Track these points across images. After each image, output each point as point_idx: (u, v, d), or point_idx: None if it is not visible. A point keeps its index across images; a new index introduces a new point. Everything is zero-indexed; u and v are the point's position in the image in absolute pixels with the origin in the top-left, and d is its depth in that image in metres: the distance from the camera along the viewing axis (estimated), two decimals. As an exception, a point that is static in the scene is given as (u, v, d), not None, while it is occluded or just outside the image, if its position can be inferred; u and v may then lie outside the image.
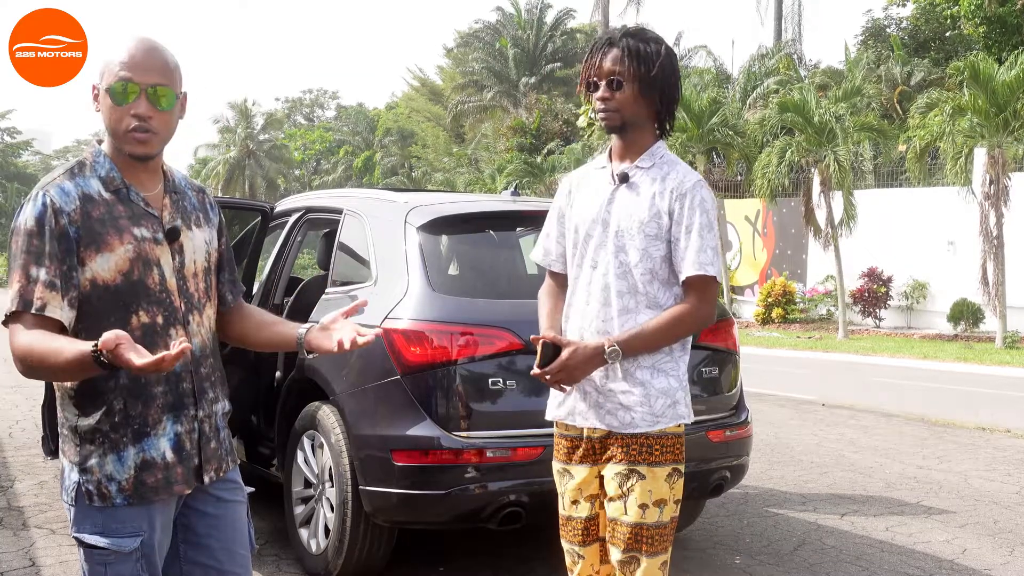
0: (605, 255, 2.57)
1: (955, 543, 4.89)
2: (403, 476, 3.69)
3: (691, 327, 2.55)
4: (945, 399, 10.58)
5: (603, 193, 2.61)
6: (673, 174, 2.55)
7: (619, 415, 2.54)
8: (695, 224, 2.50)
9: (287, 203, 5.52)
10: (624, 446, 2.54)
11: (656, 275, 2.54)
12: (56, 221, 1.94)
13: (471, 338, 3.73)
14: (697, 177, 2.56)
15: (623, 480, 2.53)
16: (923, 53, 27.88)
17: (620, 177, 2.59)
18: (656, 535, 2.53)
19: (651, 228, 2.53)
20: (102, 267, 1.98)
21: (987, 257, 15.93)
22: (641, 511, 2.51)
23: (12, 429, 7.58)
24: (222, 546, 2.19)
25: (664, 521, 2.54)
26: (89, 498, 2.00)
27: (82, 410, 2.00)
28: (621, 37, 2.55)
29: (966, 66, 16.26)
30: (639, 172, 2.57)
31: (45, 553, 4.40)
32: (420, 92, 49.03)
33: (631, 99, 2.52)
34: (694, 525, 4.95)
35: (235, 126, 53.15)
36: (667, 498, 2.54)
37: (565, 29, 42.15)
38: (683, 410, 2.58)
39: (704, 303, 2.53)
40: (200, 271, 2.16)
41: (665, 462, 2.54)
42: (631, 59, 2.51)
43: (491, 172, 31.42)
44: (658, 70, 2.52)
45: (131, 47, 2.03)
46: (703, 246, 2.49)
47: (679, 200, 2.51)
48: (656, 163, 2.58)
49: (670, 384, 2.56)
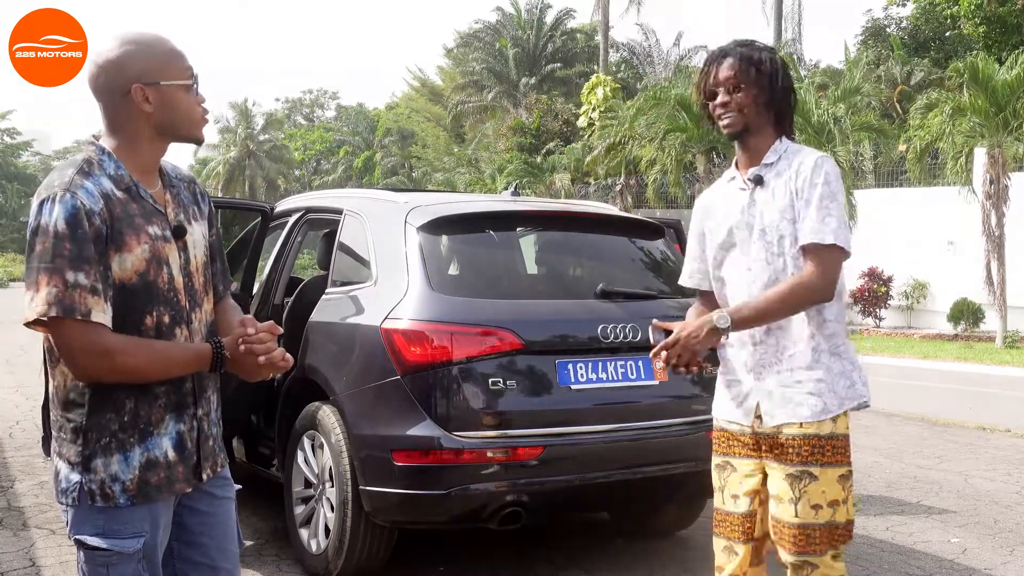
0: (760, 257, 2.65)
1: (955, 543, 4.89)
2: (403, 476, 3.69)
3: (807, 297, 2.53)
4: (945, 399, 10.58)
5: (741, 199, 2.71)
6: (796, 157, 2.65)
7: (811, 403, 2.59)
8: (815, 195, 2.56)
9: (287, 203, 5.52)
10: (797, 446, 2.59)
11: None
12: (90, 222, 1.91)
13: (471, 338, 3.73)
14: (819, 154, 2.63)
15: (795, 482, 2.58)
16: (923, 53, 27.87)
17: (755, 180, 2.68)
18: (827, 534, 2.58)
19: (789, 213, 2.60)
20: (120, 267, 1.96)
21: (989, 257, 15.93)
22: (814, 512, 2.57)
23: (12, 429, 7.58)
24: (214, 543, 2.19)
25: (838, 521, 2.59)
26: (91, 498, 1.99)
27: (92, 409, 1.98)
28: (735, 48, 2.69)
29: (966, 67, 16.24)
30: (768, 170, 2.68)
31: (45, 553, 4.40)
32: (420, 92, 49.02)
33: (750, 101, 2.64)
34: (694, 525, 4.94)
35: (235, 126, 53.19)
36: (840, 499, 2.60)
37: (565, 29, 42.13)
38: (862, 389, 2.65)
39: (819, 273, 2.52)
40: (201, 266, 2.16)
41: (836, 463, 2.61)
42: (746, 65, 2.64)
43: (491, 172, 31.40)
44: (771, 73, 2.65)
45: (161, 40, 2.09)
46: (822, 215, 2.54)
47: (802, 178, 2.59)
48: (782, 156, 2.67)
49: (844, 366, 2.62)
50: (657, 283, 4.55)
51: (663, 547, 4.73)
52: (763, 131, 2.68)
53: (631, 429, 3.97)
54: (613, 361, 3.96)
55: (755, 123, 2.66)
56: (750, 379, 2.68)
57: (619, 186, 25.91)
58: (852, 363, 2.65)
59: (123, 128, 2.05)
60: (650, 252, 4.64)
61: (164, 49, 2.06)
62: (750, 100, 2.64)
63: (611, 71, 34.43)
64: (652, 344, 2.63)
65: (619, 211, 5.14)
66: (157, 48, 2.06)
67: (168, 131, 2.09)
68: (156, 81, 2.03)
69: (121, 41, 2.04)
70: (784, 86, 2.68)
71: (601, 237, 4.61)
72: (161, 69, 2.04)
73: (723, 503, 2.77)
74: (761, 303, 2.55)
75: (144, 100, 2.02)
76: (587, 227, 4.67)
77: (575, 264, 4.77)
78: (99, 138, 2.08)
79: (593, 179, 28.00)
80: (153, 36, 2.08)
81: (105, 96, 2.04)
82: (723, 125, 2.68)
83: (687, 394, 4.20)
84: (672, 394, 4.15)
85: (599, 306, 4.05)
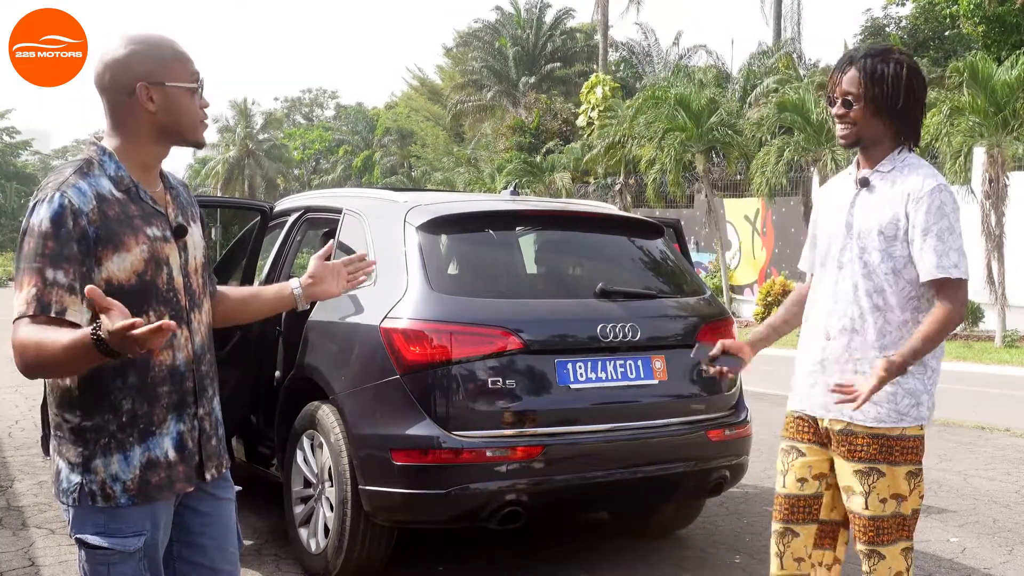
0: (851, 256, 2.72)
1: (954, 542, 4.89)
2: (403, 476, 3.69)
3: (951, 327, 2.63)
4: (944, 398, 10.53)
5: (847, 197, 2.77)
6: (913, 177, 2.65)
7: (867, 411, 2.65)
8: (933, 227, 2.59)
9: (286, 203, 5.52)
10: (865, 443, 2.67)
11: (900, 274, 2.66)
12: (75, 222, 1.91)
13: (470, 338, 3.73)
14: (936, 182, 2.63)
15: (863, 477, 2.67)
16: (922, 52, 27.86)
17: (861, 182, 2.73)
18: (893, 525, 2.67)
19: (889, 230, 2.65)
20: (118, 267, 1.97)
21: (988, 256, 15.93)
22: (882, 505, 2.66)
23: (12, 429, 7.58)
24: (215, 544, 2.20)
25: (904, 513, 2.68)
26: (92, 499, 1.99)
27: (88, 410, 1.98)
28: (861, 57, 2.69)
29: (965, 67, 16.25)
30: (879, 176, 2.71)
31: (45, 553, 4.40)
32: (419, 92, 49.02)
33: (864, 117, 2.69)
34: (694, 524, 4.95)
35: (234, 125, 53.17)
36: (905, 493, 2.67)
37: (564, 29, 42.13)
38: (925, 412, 2.71)
39: (955, 304, 2.61)
40: (200, 267, 2.18)
41: (906, 462, 2.68)
42: (866, 79, 2.65)
43: (490, 171, 31.40)
44: (892, 90, 2.65)
45: (169, 42, 2.09)
46: (945, 249, 2.59)
47: (915, 204, 2.62)
48: (896, 166, 2.70)
49: (916, 386, 2.69)
50: (657, 283, 4.56)
51: (663, 547, 4.73)
52: (880, 143, 2.71)
53: (630, 429, 3.97)
54: (612, 361, 3.96)
55: (870, 136, 2.70)
56: (818, 372, 2.77)
57: (618, 185, 25.92)
58: (925, 385, 2.71)
59: (126, 128, 2.05)
60: (650, 252, 4.64)
61: (171, 51, 2.07)
62: (864, 115, 2.67)
63: (610, 70, 34.43)
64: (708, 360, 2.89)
65: (619, 211, 5.13)
66: (165, 49, 2.07)
67: (169, 133, 2.09)
68: (161, 81, 2.04)
69: (129, 40, 2.05)
70: (910, 99, 2.66)
71: (601, 237, 4.61)
72: (167, 70, 2.05)
73: (784, 486, 2.84)
74: (920, 338, 2.59)
75: (148, 99, 2.03)
76: (587, 227, 4.67)
77: (575, 264, 4.77)
78: (101, 138, 2.08)
79: (592, 178, 28.01)
80: (160, 37, 2.09)
81: (110, 94, 2.04)
82: (837, 134, 2.75)
83: (686, 394, 4.20)
84: (671, 394, 4.15)
85: (599, 306, 4.05)
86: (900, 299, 2.67)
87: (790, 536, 2.81)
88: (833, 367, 2.73)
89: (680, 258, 4.76)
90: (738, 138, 21.44)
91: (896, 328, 2.67)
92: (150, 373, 2.02)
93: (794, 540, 2.81)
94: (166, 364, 2.04)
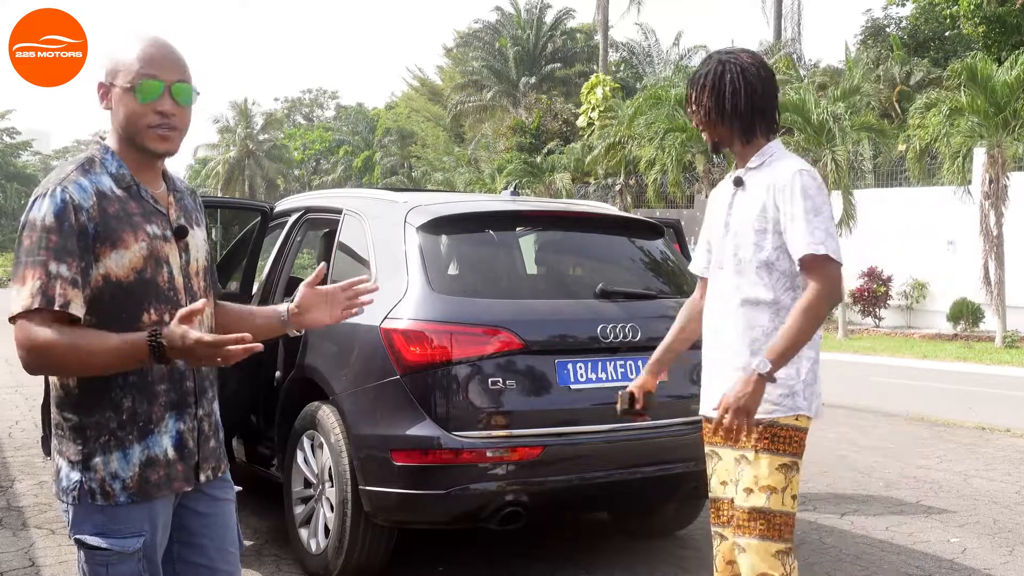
0: (728, 255, 2.74)
1: (955, 542, 4.89)
2: (403, 476, 3.69)
3: (824, 308, 2.59)
4: (945, 399, 10.58)
5: (726, 198, 2.81)
6: (776, 167, 2.69)
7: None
8: (798, 210, 2.60)
9: (287, 203, 5.52)
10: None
11: (774, 267, 2.66)
12: (76, 217, 1.92)
13: (471, 338, 3.73)
14: (797, 167, 2.65)
15: (736, 464, 2.67)
16: (923, 53, 27.88)
17: (736, 182, 2.78)
18: (761, 520, 2.61)
19: (759, 223, 2.67)
20: (116, 264, 1.97)
21: (988, 256, 15.93)
22: (745, 495, 2.62)
23: (12, 429, 7.58)
24: (215, 545, 2.20)
25: (772, 509, 2.60)
26: (92, 496, 1.99)
27: (87, 408, 1.99)
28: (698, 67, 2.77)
29: (964, 67, 16.26)
30: (751, 174, 2.74)
31: (45, 553, 4.40)
32: (420, 92, 49.01)
33: (707, 125, 2.75)
34: (694, 524, 4.95)
35: (235, 126, 53.17)
36: (777, 487, 2.61)
37: (565, 29, 42.14)
38: (802, 402, 2.65)
39: (825, 282, 2.57)
40: (202, 270, 2.18)
41: (779, 452, 2.62)
42: (693, 87, 2.76)
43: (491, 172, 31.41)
44: (718, 87, 2.69)
45: (147, 44, 2.04)
46: (811, 228, 2.58)
47: (780, 192, 2.64)
48: (765, 161, 2.73)
49: (788, 375, 2.62)
50: (657, 283, 4.55)
51: (662, 547, 4.73)
52: (735, 141, 2.75)
53: (630, 429, 3.97)
54: (612, 361, 3.96)
55: (723, 140, 2.76)
56: (713, 373, 2.79)
57: (619, 186, 25.93)
58: (798, 374, 2.65)
59: (111, 128, 2.08)
60: (650, 252, 4.64)
61: (134, 50, 2.02)
62: (706, 123, 2.74)
63: (611, 71, 34.44)
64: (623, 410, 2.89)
65: (619, 211, 5.13)
66: (131, 48, 2.03)
67: (127, 136, 2.06)
68: (112, 82, 2.03)
69: (124, 38, 2.07)
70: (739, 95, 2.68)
71: (601, 237, 4.61)
72: (118, 70, 2.02)
73: (712, 490, 2.84)
74: (786, 332, 2.56)
75: (105, 99, 2.05)
76: (587, 227, 4.67)
77: (575, 264, 4.77)
78: (104, 138, 2.11)
79: (593, 179, 28.01)
80: (142, 36, 2.06)
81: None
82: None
83: (686, 394, 4.19)
84: (671, 394, 4.14)
85: (599, 306, 4.05)
86: (775, 294, 2.66)
87: (719, 539, 2.81)
88: (722, 367, 2.73)
89: (680, 258, 4.76)
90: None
91: (775, 325, 2.64)
92: (150, 372, 2.02)
93: (722, 543, 2.79)
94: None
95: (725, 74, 2.69)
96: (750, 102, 2.70)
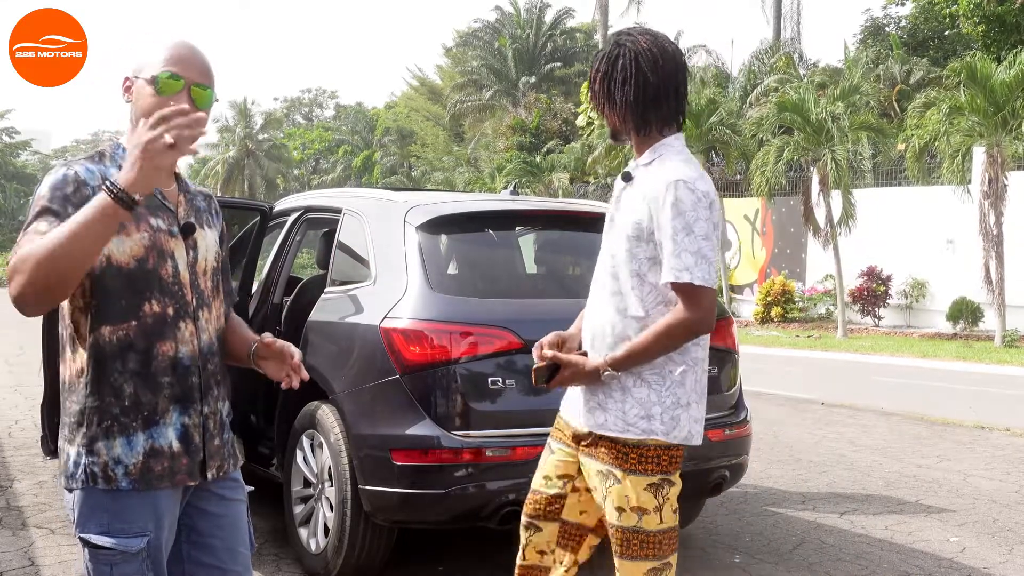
0: (605, 256, 2.60)
1: (954, 542, 4.90)
2: (402, 476, 3.70)
3: (682, 335, 2.42)
4: (944, 398, 10.58)
5: (616, 192, 2.63)
6: (658, 171, 2.45)
7: (596, 415, 2.53)
8: (667, 228, 2.39)
9: (286, 203, 5.52)
10: (603, 447, 2.52)
11: (644, 278, 2.47)
12: (77, 189, 1.95)
13: (470, 337, 3.73)
14: (674, 177, 2.40)
15: (603, 479, 2.52)
16: (922, 52, 27.88)
17: (624, 176, 2.58)
18: (634, 540, 2.50)
19: (633, 229, 2.47)
20: (117, 248, 1.99)
21: (988, 256, 15.93)
22: (617, 514, 2.51)
23: (12, 429, 7.58)
24: (225, 545, 2.20)
25: (646, 528, 2.48)
26: (93, 480, 2.00)
27: (92, 393, 2.02)
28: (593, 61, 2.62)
29: (964, 67, 16.25)
30: (641, 170, 2.53)
31: (44, 553, 4.41)
32: (419, 91, 49.02)
33: (604, 113, 2.58)
34: (694, 524, 4.95)
35: (234, 125, 53.14)
36: (648, 507, 2.47)
37: (564, 28, 42.16)
38: (658, 426, 2.46)
39: (691, 310, 2.39)
40: (210, 270, 2.20)
41: (644, 472, 2.47)
42: (595, 75, 2.56)
43: (490, 171, 31.43)
44: (603, 78, 2.52)
45: (176, 44, 2.09)
46: (677, 251, 2.37)
47: (653, 202, 2.42)
48: (655, 159, 2.50)
49: (647, 396, 2.47)
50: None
51: (662, 546, 4.73)
52: (632, 134, 2.54)
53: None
54: (612, 360, 3.95)
55: (618, 127, 2.56)
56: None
57: (618, 185, 25.88)
58: (659, 397, 2.47)
59: (129, 123, 2.11)
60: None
61: (163, 48, 2.08)
62: (603, 111, 2.57)
63: (610, 70, 34.39)
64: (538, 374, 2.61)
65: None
66: (161, 46, 2.09)
67: None
68: (137, 75, 2.08)
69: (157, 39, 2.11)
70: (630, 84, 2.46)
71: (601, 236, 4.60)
72: (144, 63, 2.07)
73: (534, 482, 2.75)
74: (640, 351, 2.43)
75: (127, 92, 2.09)
76: (587, 226, 4.66)
77: (574, 264, 4.77)
78: (121, 135, 2.15)
79: (593, 179, 28.00)
80: (173, 38, 2.12)
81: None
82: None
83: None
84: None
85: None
86: (644, 305, 2.46)
87: (533, 530, 2.74)
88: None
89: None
90: (737, 138, 21.45)
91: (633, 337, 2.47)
92: (152, 362, 2.04)
93: (536, 534, 2.73)
94: (168, 355, 2.06)
95: (618, 60, 2.48)
96: (643, 93, 2.46)
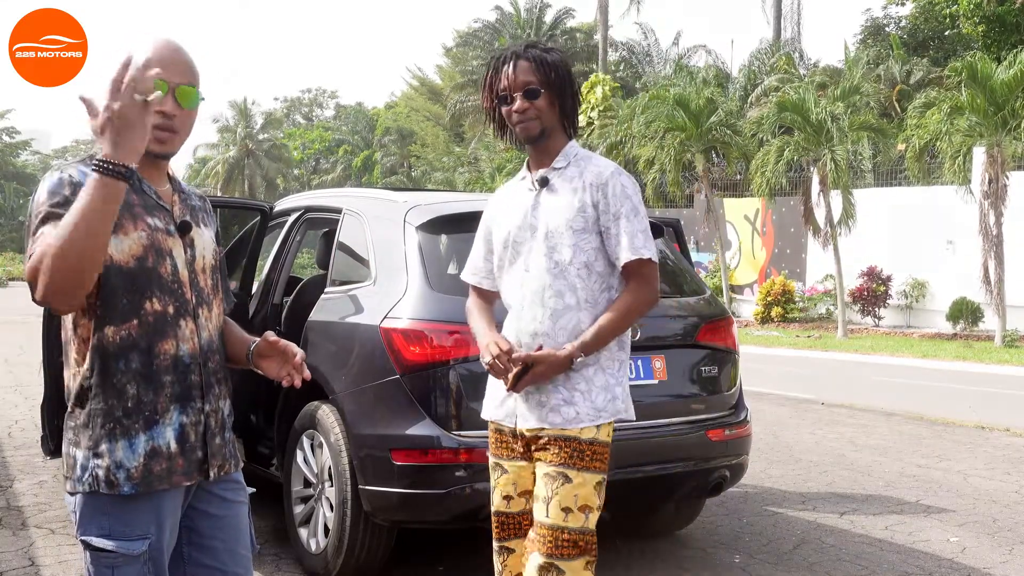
0: (537, 258, 2.64)
1: (954, 541, 4.90)
2: (402, 475, 3.70)
3: (639, 312, 2.64)
4: (944, 398, 10.58)
5: (527, 200, 2.70)
6: (590, 167, 2.66)
7: (563, 411, 2.59)
8: (621, 211, 2.60)
9: (286, 202, 5.52)
10: (557, 448, 2.57)
11: (592, 268, 2.62)
12: (74, 191, 1.93)
13: (470, 337, 3.72)
14: (614, 166, 2.66)
15: (550, 481, 2.57)
16: (922, 52, 27.89)
17: (540, 182, 2.68)
18: (580, 541, 2.57)
19: (577, 223, 2.61)
20: (116, 248, 1.99)
21: (988, 256, 15.93)
22: (564, 515, 2.54)
23: (11, 429, 7.58)
24: (226, 547, 2.20)
25: (590, 528, 2.59)
26: (97, 485, 2.00)
27: (96, 395, 2.01)
28: (526, 49, 2.67)
29: (964, 66, 16.25)
30: (556, 173, 2.68)
31: (44, 553, 4.41)
32: (419, 91, 49.02)
33: (547, 106, 2.64)
34: (694, 524, 4.95)
35: (234, 125, 53.17)
36: (593, 506, 2.59)
37: (564, 28, 42.12)
38: (620, 405, 2.65)
39: (646, 286, 2.62)
40: (208, 268, 2.20)
41: (595, 470, 2.59)
42: (543, 68, 2.63)
43: (491, 171, 31.42)
44: (565, 76, 2.66)
45: (158, 45, 2.06)
46: (633, 231, 2.59)
47: (600, 190, 2.61)
48: (572, 161, 2.69)
49: (608, 380, 2.63)
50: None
51: (662, 547, 4.74)
52: (556, 134, 2.69)
53: (630, 428, 3.96)
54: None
55: (551, 127, 2.67)
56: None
57: (618, 185, 25.87)
58: (617, 379, 2.65)
59: None
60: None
61: (146, 47, 2.05)
62: (546, 104, 2.63)
63: (610, 70, 34.43)
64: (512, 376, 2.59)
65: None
66: (143, 46, 2.06)
67: None
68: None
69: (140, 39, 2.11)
70: (574, 89, 2.70)
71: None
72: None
73: (495, 504, 2.75)
74: (608, 333, 2.58)
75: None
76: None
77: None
78: None
79: (592, 178, 27.97)
80: (156, 38, 2.09)
81: None
82: (520, 129, 2.65)
83: (686, 394, 4.20)
84: (671, 394, 4.15)
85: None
86: (592, 295, 2.61)
87: (506, 554, 2.74)
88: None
89: (680, 258, 4.76)
90: (737, 138, 21.45)
91: (588, 326, 2.59)
92: (153, 360, 2.04)
93: (510, 557, 2.73)
94: (169, 353, 2.06)
95: (563, 60, 2.68)
96: (577, 98, 2.73)
